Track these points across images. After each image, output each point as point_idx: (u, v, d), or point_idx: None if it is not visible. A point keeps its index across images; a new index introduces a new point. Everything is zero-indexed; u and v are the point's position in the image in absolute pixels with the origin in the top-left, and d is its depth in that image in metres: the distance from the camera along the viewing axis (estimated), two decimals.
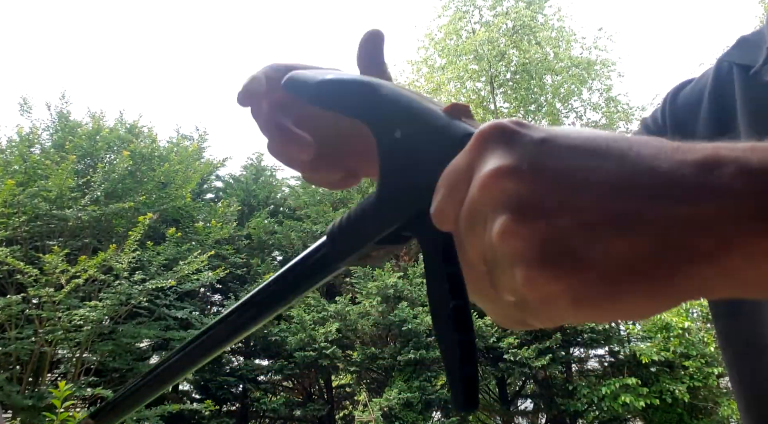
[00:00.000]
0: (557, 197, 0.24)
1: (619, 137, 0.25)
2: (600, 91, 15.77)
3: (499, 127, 0.27)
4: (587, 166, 0.24)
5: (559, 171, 0.25)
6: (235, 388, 11.40)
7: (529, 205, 0.24)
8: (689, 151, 0.24)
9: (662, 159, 0.24)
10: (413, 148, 0.33)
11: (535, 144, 0.26)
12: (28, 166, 8.72)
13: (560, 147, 0.25)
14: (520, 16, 14.76)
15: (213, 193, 13.18)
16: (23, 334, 7.60)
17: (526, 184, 0.25)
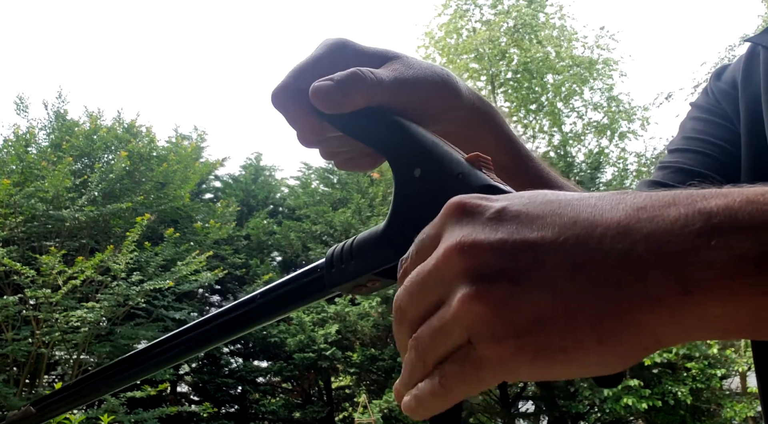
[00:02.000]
0: (512, 265, 0.26)
1: (577, 197, 0.27)
2: (602, 91, 15.70)
3: (461, 203, 0.29)
4: (539, 230, 0.26)
5: (514, 241, 0.27)
6: (233, 390, 11.34)
7: (487, 275, 0.26)
8: (642, 209, 0.25)
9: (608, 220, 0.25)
10: (430, 190, 0.35)
11: (492, 217, 0.28)
12: (25, 166, 8.66)
13: (516, 217, 0.27)
14: (521, 14, 14.70)
15: (212, 194, 13.12)
16: (20, 335, 7.55)
17: (484, 256, 0.27)
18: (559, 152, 13.83)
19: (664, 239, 0.24)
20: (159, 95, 49.88)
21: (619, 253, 0.24)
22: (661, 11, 33.74)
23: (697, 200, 0.25)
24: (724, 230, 0.23)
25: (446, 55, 15.24)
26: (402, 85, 0.42)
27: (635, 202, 0.26)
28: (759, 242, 0.23)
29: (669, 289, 0.24)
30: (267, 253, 12.03)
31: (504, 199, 0.29)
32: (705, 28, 38.70)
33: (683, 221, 0.24)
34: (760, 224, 0.23)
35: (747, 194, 0.24)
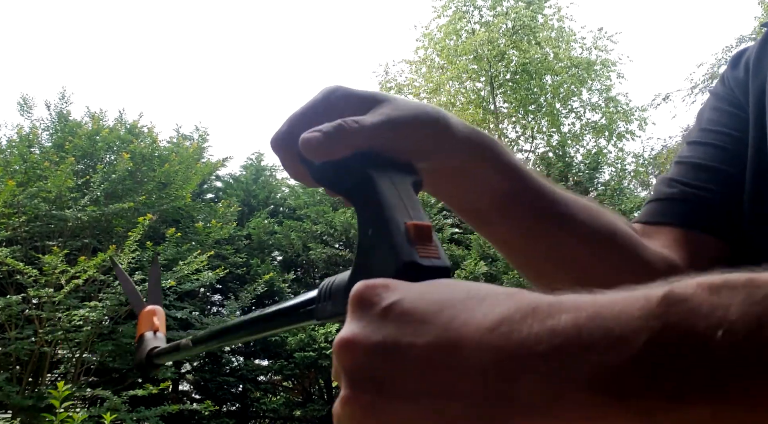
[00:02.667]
0: (381, 372, 0.27)
1: (463, 297, 0.28)
2: (600, 92, 15.76)
3: (358, 295, 0.31)
4: (413, 336, 0.27)
5: (386, 346, 0.27)
6: (234, 388, 11.39)
7: (359, 379, 0.27)
8: (506, 320, 0.26)
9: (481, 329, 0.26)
10: (377, 252, 0.37)
11: (379, 314, 0.29)
12: (28, 166, 8.72)
13: (400, 316, 0.28)
14: (520, 16, 14.75)
15: (213, 194, 13.17)
16: (23, 334, 7.60)
17: (359, 358, 0.28)
18: (557, 152, 13.90)
19: (511, 361, 0.24)
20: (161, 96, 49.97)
21: (474, 374, 0.25)
22: (658, 13, 33.81)
23: (553, 315, 0.25)
24: (563, 352, 0.23)
25: (445, 57, 15.29)
26: (388, 127, 0.44)
27: (502, 311, 0.26)
28: (594, 362, 0.22)
29: (508, 415, 0.24)
30: (268, 252, 12.08)
31: (400, 292, 0.29)
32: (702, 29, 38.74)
33: (531, 340, 0.24)
34: (598, 345, 0.23)
35: (597, 306, 0.24)
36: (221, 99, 48.21)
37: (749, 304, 0.21)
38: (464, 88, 15.49)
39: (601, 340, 0.23)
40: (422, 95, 15.68)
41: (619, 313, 0.23)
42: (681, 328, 0.22)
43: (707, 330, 0.21)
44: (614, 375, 0.22)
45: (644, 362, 0.22)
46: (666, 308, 0.22)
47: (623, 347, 0.22)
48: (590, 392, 0.22)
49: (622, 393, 0.22)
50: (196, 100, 48.28)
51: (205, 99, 47.59)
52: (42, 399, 7.01)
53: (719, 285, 0.22)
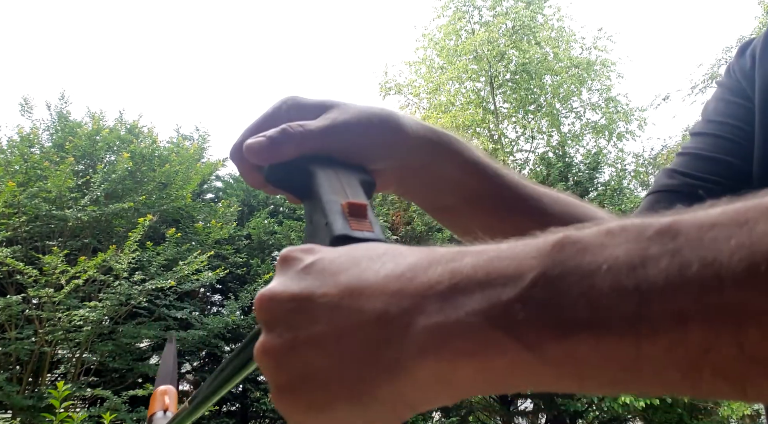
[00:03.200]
0: (297, 320, 0.28)
1: (379, 253, 0.29)
2: (600, 92, 15.77)
3: (283, 255, 0.32)
4: (327, 288, 0.28)
5: (303, 295, 0.28)
6: (234, 388, 11.39)
7: (273, 327, 0.29)
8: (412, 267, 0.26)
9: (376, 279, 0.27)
10: (315, 236, 0.39)
11: (300, 270, 0.30)
12: (29, 166, 8.72)
13: (320, 271, 0.29)
14: (520, 16, 14.76)
15: (213, 194, 13.18)
16: (23, 334, 7.60)
17: (277, 308, 0.29)
18: (557, 152, 13.90)
19: (411, 300, 0.25)
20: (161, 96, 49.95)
21: (374, 314, 0.25)
22: (658, 12, 33.80)
23: (457, 259, 0.25)
24: (459, 289, 0.24)
25: (445, 57, 15.29)
26: (333, 131, 0.45)
27: (413, 260, 0.27)
28: (486, 297, 0.23)
29: (406, 353, 0.24)
30: (268, 252, 12.09)
31: (321, 253, 0.30)
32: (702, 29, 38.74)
33: (434, 280, 0.25)
34: (493, 282, 0.23)
35: (499, 249, 0.25)
36: (221, 99, 48.22)
37: (637, 241, 0.22)
38: (464, 88, 15.49)
39: (496, 278, 0.24)
40: (422, 95, 15.69)
41: (515, 254, 0.24)
42: (568, 264, 0.22)
43: (592, 265, 0.22)
44: (504, 310, 0.23)
45: (532, 297, 0.22)
46: (559, 248, 0.23)
47: (513, 283, 0.23)
48: (482, 327, 0.23)
49: (512, 327, 0.22)
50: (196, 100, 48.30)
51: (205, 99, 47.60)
52: (42, 399, 7.01)
53: (615, 228, 0.23)
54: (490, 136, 14.64)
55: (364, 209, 0.37)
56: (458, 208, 0.55)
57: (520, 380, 0.23)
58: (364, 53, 39.25)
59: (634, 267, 0.21)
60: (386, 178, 0.50)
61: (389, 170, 0.49)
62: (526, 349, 0.22)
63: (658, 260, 0.21)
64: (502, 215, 0.55)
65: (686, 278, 0.20)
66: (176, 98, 48.65)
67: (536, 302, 0.22)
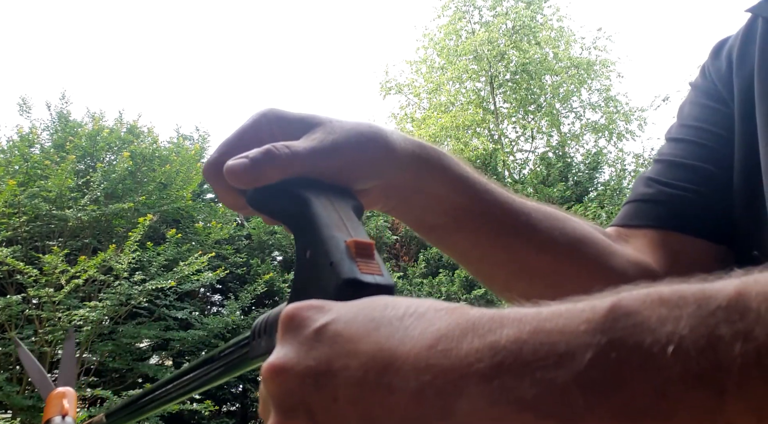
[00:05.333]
0: (312, 398, 0.25)
1: (398, 315, 0.26)
2: (599, 91, 15.78)
3: (289, 317, 0.29)
4: (345, 359, 0.25)
5: (317, 371, 0.26)
6: (235, 388, 11.41)
7: (288, 407, 0.26)
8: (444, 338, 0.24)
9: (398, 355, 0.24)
10: (314, 274, 0.35)
11: (310, 337, 0.27)
12: (29, 166, 8.73)
13: (332, 339, 0.26)
14: (520, 16, 14.77)
15: (213, 194, 13.19)
16: (23, 334, 7.61)
17: (289, 383, 0.26)
18: (557, 153, 13.91)
19: (449, 380, 0.23)
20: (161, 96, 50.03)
21: (408, 395, 0.23)
22: (658, 12, 33.83)
23: (494, 330, 0.23)
24: (504, 369, 0.22)
25: (445, 57, 15.31)
26: (321, 153, 0.42)
27: (440, 327, 0.24)
28: (537, 380, 0.21)
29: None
30: (268, 252, 12.10)
31: (333, 313, 0.28)
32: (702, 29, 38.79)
33: (472, 357, 0.23)
34: (542, 362, 0.21)
35: (540, 319, 0.23)
36: (221, 99, 48.28)
37: (700, 317, 0.20)
38: (464, 88, 15.49)
39: (544, 357, 0.21)
40: (422, 95, 15.69)
41: (563, 327, 0.22)
42: (628, 344, 0.20)
43: (655, 347, 0.20)
44: (558, 395, 0.21)
45: (589, 381, 0.20)
46: (612, 322, 0.21)
47: (567, 364, 0.21)
48: (533, 413, 0.21)
49: (570, 415, 0.20)
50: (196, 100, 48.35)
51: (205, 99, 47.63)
52: (42, 399, 7.02)
53: (671, 296, 0.21)
54: (490, 136, 14.65)
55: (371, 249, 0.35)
56: (447, 226, 0.53)
57: None
58: (364, 53, 39.30)
59: (702, 351, 0.19)
60: (373, 196, 0.48)
61: (376, 189, 0.47)
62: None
63: (731, 344, 0.19)
64: (490, 234, 0.54)
65: (765, 368, 0.18)
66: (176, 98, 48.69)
67: (596, 388, 0.20)
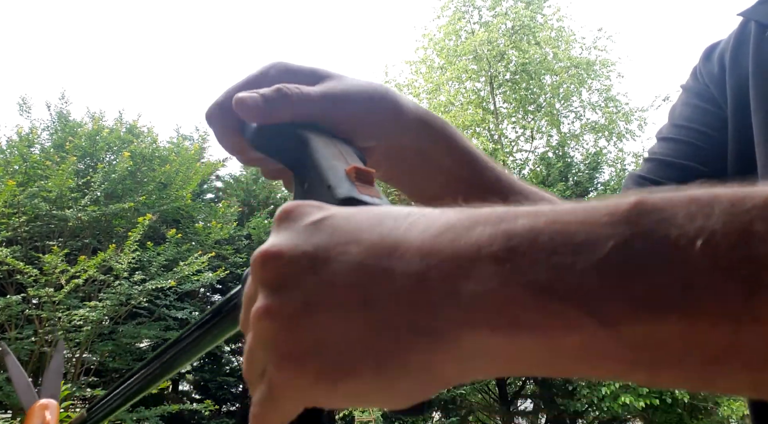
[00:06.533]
0: (309, 281, 0.24)
1: (404, 214, 0.25)
2: (599, 92, 15.78)
3: (286, 209, 0.27)
4: (345, 245, 0.24)
5: (316, 254, 0.25)
6: (234, 388, 11.40)
7: (280, 288, 0.25)
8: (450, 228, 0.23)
9: (410, 239, 0.23)
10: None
11: (308, 225, 0.26)
12: (28, 166, 8.73)
13: (332, 228, 0.25)
14: (520, 16, 14.77)
15: (213, 194, 13.19)
16: (23, 334, 7.61)
17: (284, 266, 0.25)
18: (557, 153, 13.91)
19: (456, 263, 0.22)
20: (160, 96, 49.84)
21: (411, 277, 0.22)
22: (658, 12, 33.79)
23: (507, 220, 0.22)
24: (519, 253, 0.21)
25: (445, 57, 15.31)
26: (332, 100, 0.41)
27: (449, 219, 0.23)
28: (553, 265, 0.20)
29: (452, 321, 0.21)
30: None
31: (334, 210, 0.27)
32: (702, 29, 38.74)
33: (482, 242, 0.22)
34: (559, 248, 0.20)
35: (558, 212, 0.22)
36: None
37: (734, 214, 0.19)
38: (464, 89, 15.49)
39: (561, 244, 0.20)
40: (422, 95, 15.69)
41: (583, 219, 0.21)
42: (653, 236, 0.19)
43: (682, 239, 0.19)
44: (575, 279, 0.20)
45: (611, 268, 0.19)
46: (637, 216, 0.20)
47: (586, 251, 0.20)
48: (546, 297, 0.20)
49: (586, 300, 0.20)
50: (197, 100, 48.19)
51: (205, 99, 47.49)
52: None
53: (702, 196, 0.20)
54: (490, 136, 14.65)
55: (371, 176, 0.33)
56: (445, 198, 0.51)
57: (588, 362, 0.20)
58: (364, 53, 39.18)
59: (734, 246, 0.18)
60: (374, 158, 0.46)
61: (380, 150, 0.46)
62: (601, 326, 0.19)
63: (765, 240, 0.18)
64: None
65: None
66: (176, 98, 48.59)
67: (617, 275, 0.19)
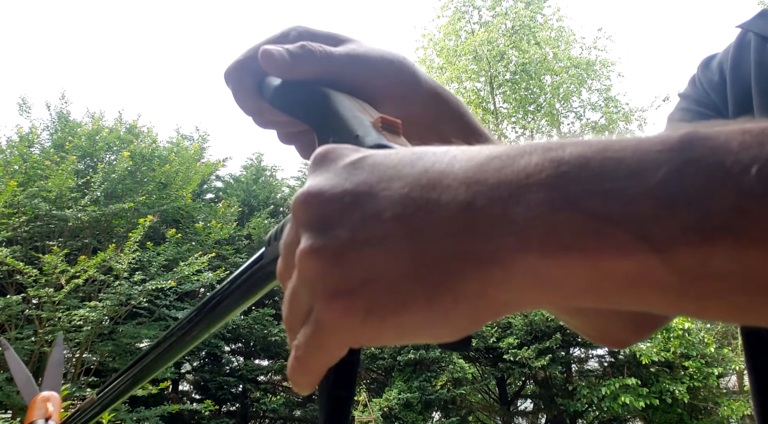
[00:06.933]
0: (353, 217, 0.24)
1: (442, 150, 0.25)
2: (599, 92, 15.78)
3: (322, 150, 0.27)
4: (388, 181, 0.24)
5: (358, 191, 0.24)
6: (235, 388, 11.40)
7: (324, 226, 0.24)
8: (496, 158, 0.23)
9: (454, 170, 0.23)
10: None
11: (347, 165, 0.26)
12: (28, 166, 8.73)
13: (372, 166, 0.25)
14: (520, 16, 14.77)
15: (213, 194, 13.19)
16: (23, 334, 7.60)
17: (326, 205, 0.25)
18: None
19: (505, 189, 0.22)
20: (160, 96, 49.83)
21: (458, 206, 0.22)
22: (658, 12, 33.80)
23: (554, 149, 0.22)
24: (569, 179, 0.21)
25: (445, 57, 15.31)
26: (354, 61, 0.41)
27: (492, 151, 0.23)
28: (605, 190, 0.20)
29: (503, 246, 0.21)
30: None
31: (370, 151, 0.27)
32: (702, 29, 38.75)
33: (531, 169, 0.22)
34: (610, 174, 0.20)
35: (608, 141, 0.22)
36: (221, 100, 48.09)
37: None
38: (464, 89, 15.49)
39: (613, 170, 0.20)
40: None
41: (634, 147, 0.21)
42: (707, 161, 0.19)
43: (736, 167, 0.19)
44: (630, 205, 0.20)
45: (664, 193, 0.19)
46: (689, 144, 0.20)
47: (639, 177, 0.20)
48: (599, 221, 0.20)
49: (639, 225, 0.20)
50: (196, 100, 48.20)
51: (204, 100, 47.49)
52: None
53: (752, 127, 0.20)
54: None
55: (398, 126, 0.33)
56: None
57: (637, 289, 0.20)
58: None
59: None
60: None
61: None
62: (654, 252, 0.19)
63: None
64: None
65: None
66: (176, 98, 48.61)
67: (670, 200, 0.19)
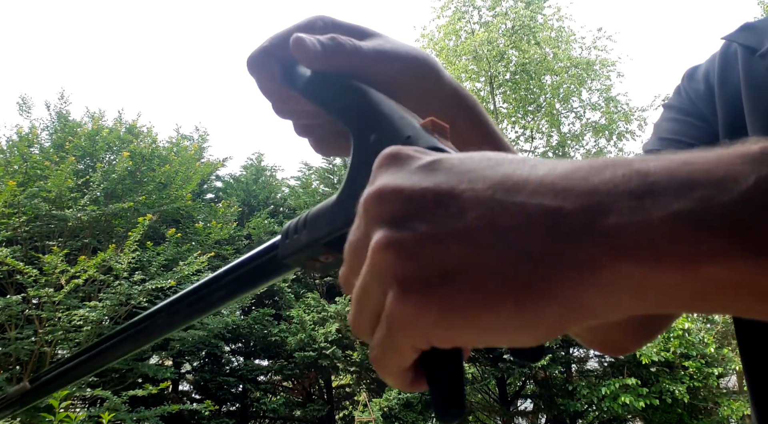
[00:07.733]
0: (431, 212, 0.24)
1: (519, 159, 0.25)
2: (599, 92, 15.77)
3: (394, 151, 0.27)
4: (468, 183, 0.24)
5: (438, 188, 0.24)
6: (234, 388, 11.40)
7: (402, 220, 0.24)
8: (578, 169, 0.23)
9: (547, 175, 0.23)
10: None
11: (422, 166, 0.26)
12: (28, 166, 8.73)
13: (448, 168, 0.25)
14: (520, 16, 14.77)
15: (213, 194, 13.19)
16: (23, 334, 7.60)
17: (402, 202, 0.24)
18: (557, 153, 13.90)
19: (593, 197, 0.22)
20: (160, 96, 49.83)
21: (546, 211, 0.22)
22: (658, 12, 33.81)
23: (636, 162, 0.23)
24: (659, 188, 0.21)
25: (444, 57, 15.30)
26: (381, 56, 0.41)
27: (573, 163, 0.24)
28: (696, 198, 0.21)
29: (596, 253, 0.21)
30: None
31: (442, 155, 0.27)
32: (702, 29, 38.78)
33: (618, 179, 0.22)
34: (699, 183, 0.21)
35: (689, 155, 0.22)
36: (221, 99, 48.06)
37: None
38: None
39: (702, 180, 0.21)
40: None
41: (717, 159, 0.21)
42: None
43: None
44: (722, 211, 0.20)
45: (756, 200, 0.20)
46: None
47: (728, 186, 0.20)
48: (692, 227, 0.20)
49: (733, 231, 0.20)
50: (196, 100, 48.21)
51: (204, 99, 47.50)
52: (42, 400, 7.01)
53: None
54: None
55: (447, 131, 0.32)
56: None
57: (731, 294, 0.21)
58: None
59: None
60: None
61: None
62: (748, 255, 0.20)
63: None
64: None
65: None
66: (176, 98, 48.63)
67: (762, 206, 0.20)
